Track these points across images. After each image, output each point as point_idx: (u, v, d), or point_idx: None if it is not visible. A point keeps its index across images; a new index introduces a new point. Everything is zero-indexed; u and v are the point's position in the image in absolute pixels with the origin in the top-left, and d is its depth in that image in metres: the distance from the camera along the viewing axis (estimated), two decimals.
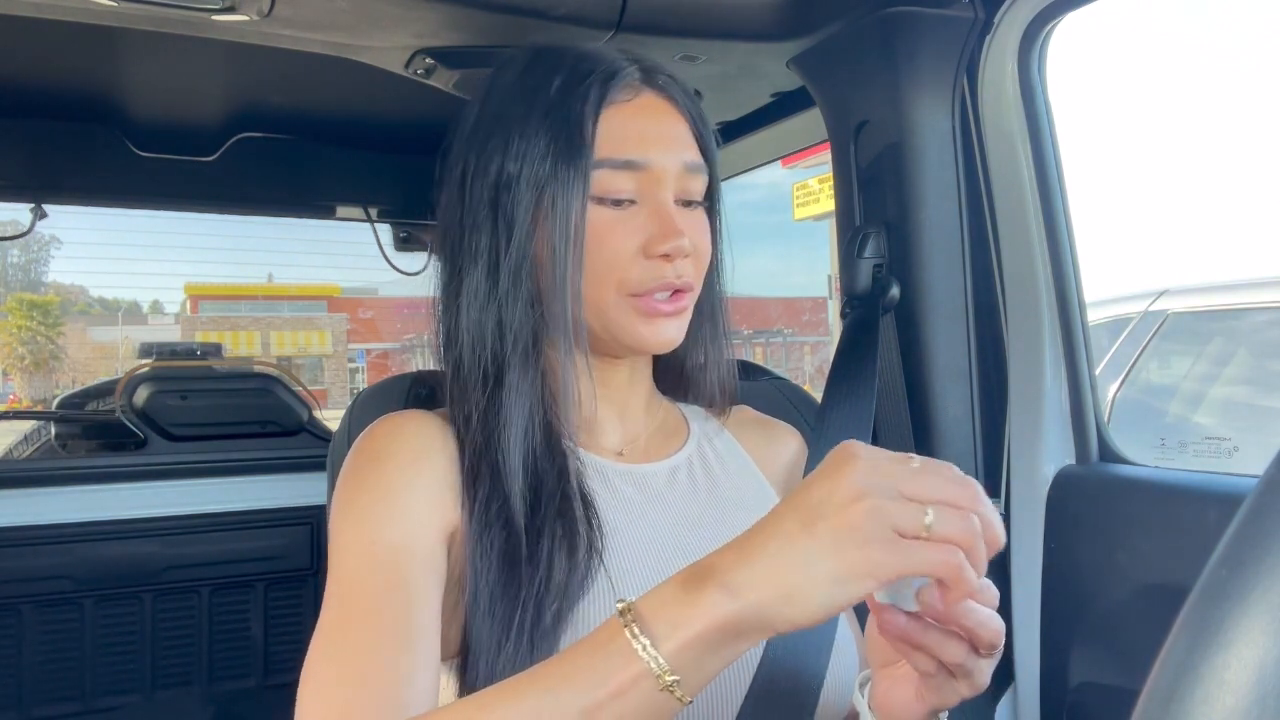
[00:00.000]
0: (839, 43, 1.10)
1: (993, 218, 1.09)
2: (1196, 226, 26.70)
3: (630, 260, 0.73)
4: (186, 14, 1.00)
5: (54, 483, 1.96)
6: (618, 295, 0.73)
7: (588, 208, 0.72)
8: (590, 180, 0.72)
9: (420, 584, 0.66)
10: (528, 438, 0.73)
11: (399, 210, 2.20)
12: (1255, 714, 0.23)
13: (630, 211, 0.74)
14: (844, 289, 1.10)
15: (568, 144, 0.72)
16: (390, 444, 0.72)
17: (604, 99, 0.74)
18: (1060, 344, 1.06)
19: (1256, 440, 2.41)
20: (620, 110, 0.74)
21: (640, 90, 0.76)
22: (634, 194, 0.74)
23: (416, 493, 0.70)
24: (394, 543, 0.67)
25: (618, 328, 0.74)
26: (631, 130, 0.74)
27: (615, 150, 0.73)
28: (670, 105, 0.77)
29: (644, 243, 0.73)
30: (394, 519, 0.68)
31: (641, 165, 0.73)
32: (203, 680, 2.06)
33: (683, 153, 0.76)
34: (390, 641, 0.62)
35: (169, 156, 1.83)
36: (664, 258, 0.72)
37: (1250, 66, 63.06)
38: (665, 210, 0.73)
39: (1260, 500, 0.26)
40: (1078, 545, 1.00)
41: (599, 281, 0.73)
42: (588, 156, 0.72)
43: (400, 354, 28.03)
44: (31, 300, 28.39)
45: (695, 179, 0.76)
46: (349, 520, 0.69)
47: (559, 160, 0.72)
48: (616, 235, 0.73)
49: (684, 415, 0.88)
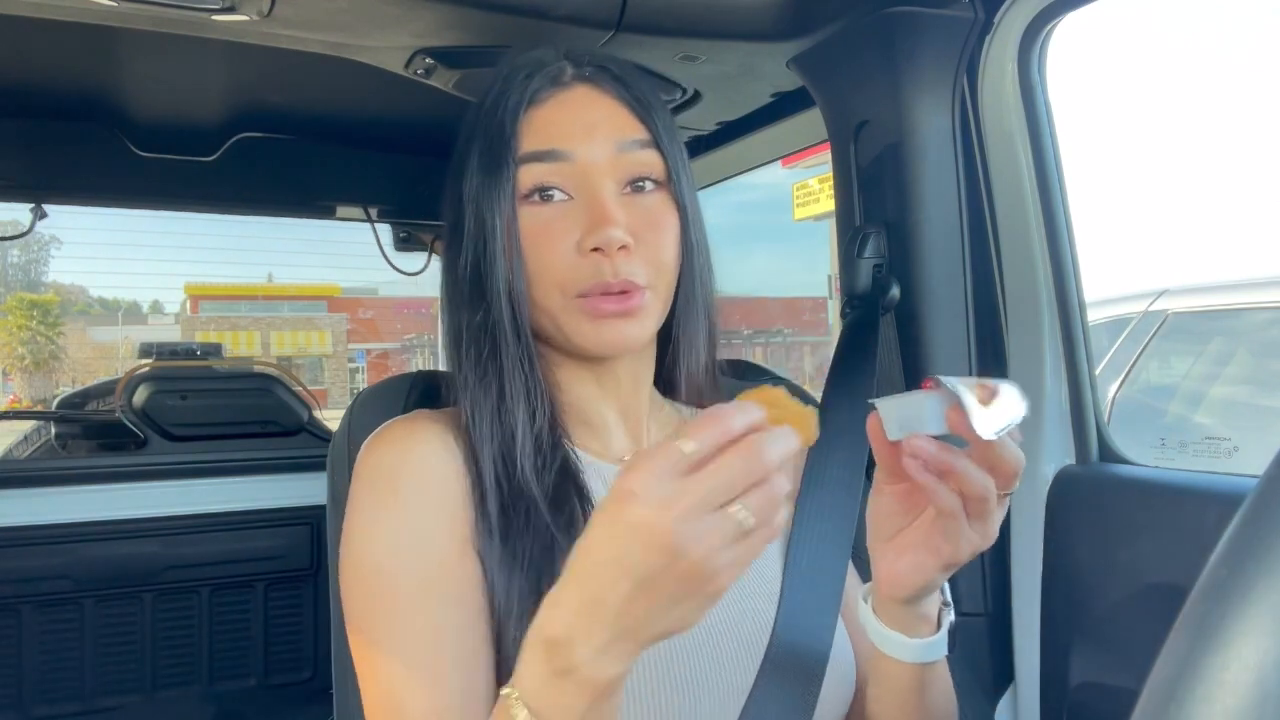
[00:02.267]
0: (839, 43, 1.10)
1: (993, 218, 1.09)
2: (1196, 226, 26.72)
3: (565, 260, 0.70)
4: (186, 14, 1.00)
5: (54, 483, 1.96)
6: (564, 298, 0.71)
7: (519, 209, 0.71)
8: (517, 179, 0.71)
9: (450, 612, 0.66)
10: (526, 444, 0.72)
11: (399, 210, 2.20)
12: (1255, 714, 0.23)
13: (565, 207, 0.72)
14: (844, 289, 1.10)
15: (491, 148, 0.72)
16: (395, 468, 0.71)
17: (525, 99, 0.73)
18: (1060, 344, 1.06)
19: (1257, 440, 2.41)
20: (541, 106, 0.73)
21: (565, 85, 0.75)
22: (564, 187, 0.72)
23: (428, 518, 0.69)
24: (413, 579, 0.66)
25: (572, 332, 0.72)
26: (552, 123, 0.73)
27: (537, 142, 0.72)
28: (597, 92, 0.75)
29: (578, 238, 0.70)
30: (410, 551, 0.67)
31: (563, 155, 0.71)
32: (203, 680, 2.06)
33: (613, 135, 0.73)
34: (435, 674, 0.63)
35: (169, 156, 1.83)
36: (597, 252, 0.69)
37: (1250, 66, 62.98)
38: (596, 199, 0.70)
39: (1260, 500, 0.26)
40: (1078, 545, 1.00)
41: (543, 285, 0.71)
42: (510, 157, 0.71)
43: (400, 354, 28.03)
44: (31, 300, 28.39)
45: (637, 156, 0.73)
46: (365, 557, 0.68)
47: (485, 167, 0.72)
48: (550, 232, 0.71)
49: (685, 419, 0.86)
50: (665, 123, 0.76)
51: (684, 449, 0.47)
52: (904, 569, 0.62)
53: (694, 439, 0.47)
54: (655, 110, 0.76)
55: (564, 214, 0.71)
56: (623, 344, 0.72)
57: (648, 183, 0.74)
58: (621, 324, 0.71)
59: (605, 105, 0.75)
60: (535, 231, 0.71)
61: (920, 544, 0.61)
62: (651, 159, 0.74)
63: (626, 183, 0.73)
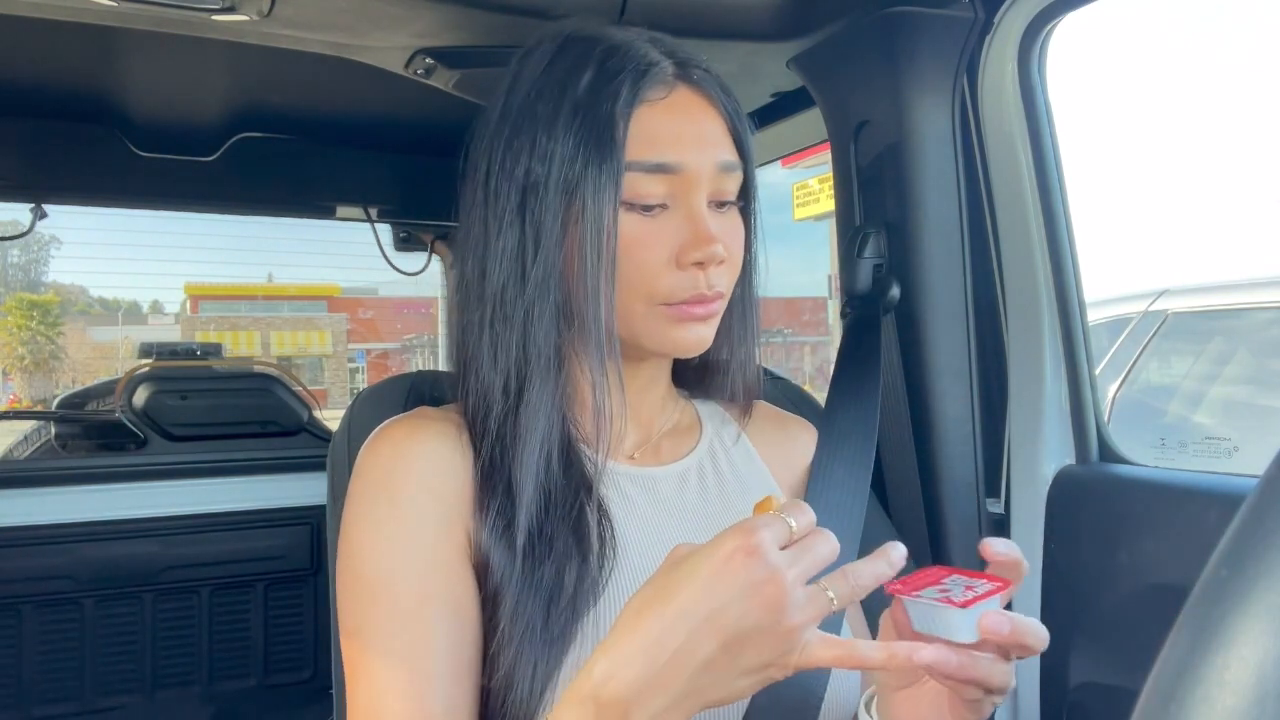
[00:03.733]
0: (839, 43, 1.10)
1: (993, 218, 1.09)
2: (1196, 226, 26.71)
3: (661, 269, 0.69)
4: (186, 14, 1.00)
5: (54, 483, 1.96)
6: (647, 306, 0.70)
7: (619, 214, 0.69)
8: (622, 184, 0.68)
9: (441, 625, 0.65)
10: (544, 450, 0.70)
11: (399, 210, 2.20)
12: (1255, 714, 0.23)
13: (662, 218, 0.70)
14: (844, 289, 1.10)
15: (598, 145, 0.68)
16: (396, 472, 0.69)
17: (636, 97, 0.69)
18: (1060, 344, 1.06)
19: (1257, 440, 2.41)
20: (653, 109, 0.70)
21: (674, 86, 0.72)
22: (666, 198, 0.70)
23: (429, 526, 0.68)
24: (411, 589, 0.66)
25: (646, 335, 0.71)
26: (665, 130, 0.70)
27: (647, 152, 0.69)
28: (705, 101, 0.73)
29: (676, 251, 0.69)
30: (409, 559, 0.66)
31: (674, 168, 0.69)
32: (203, 680, 2.06)
33: (717, 152, 0.71)
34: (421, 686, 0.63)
35: (169, 156, 1.83)
36: (696, 266, 0.69)
37: (1250, 66, 62.99)
38: (698, 215, 0.70)
39: (1260, 500, 0.26)
40: (1078, 545, 1.00)
41: (629, 291, 0.70)
42: (619, 159, 0.68)
43: (400, 354, 28.02)
44: (31, 300, 28.38)
45: (730, 178, 0.73)
46: (360, 562, 0.68)
47: (590, 162, 0.68)
48: (648, 244, 0.69)
49: (698, 414, 0.86)
50: (750, 142, 0.76)
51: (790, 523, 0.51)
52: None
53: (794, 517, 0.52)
54: (743, 129, 0.75)
55: (661, 223, 0.70)
56: (699, 345, 0.73)
57: (729, 199, 0.74)
58: (701, 327, 0.72)
59: (712, 118, 0.73)
60: (632, 239, 0.69)
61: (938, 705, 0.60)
62: (737, 182, 0.74)
63: (714, 199, 0.72)
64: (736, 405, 0.87)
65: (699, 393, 0.87)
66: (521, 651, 0.64)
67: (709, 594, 0.49)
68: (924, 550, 1.08)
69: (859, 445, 0.88)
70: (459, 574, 0.67)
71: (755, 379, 0.84)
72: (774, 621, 0.49)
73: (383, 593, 0.66)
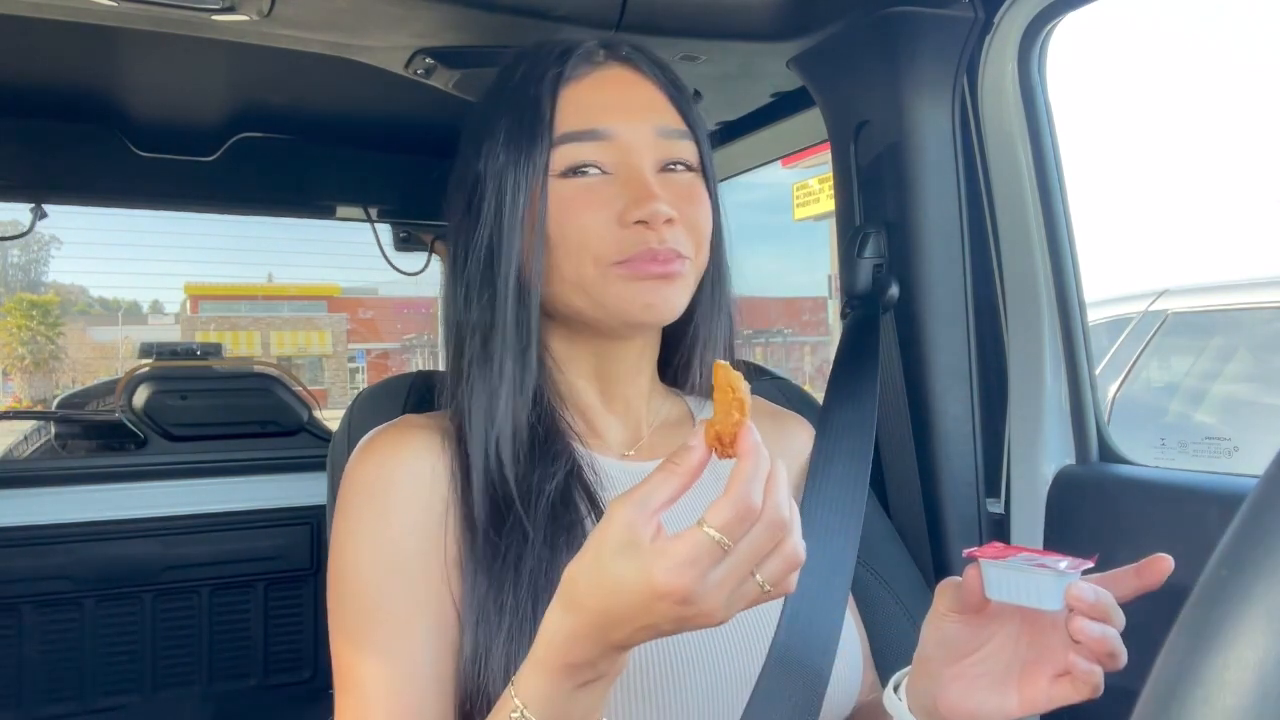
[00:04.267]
0: (839, 43, 1.10)
1: (993, 218, 1.09)
2: (1196, 226, 26.69)
3: (604, 231, 0.69)
4: (186, 14, 1.00)
5: (54, 483, 1.96)
6: (598, 268, 0.69)
7: (549, 185, 0.69)
8: (552, 157, 0.69)
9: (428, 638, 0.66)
10: (515, 432, 0.71)
11: (399, 210, 2.20)
12: (1255, 714, 0.23)
13: (602, 182, 0.70)
14: (844, 289, 1.10)
15: (522, 126, 0.70)
16: (381, 484, 0.69)
17: (562, 76, 0.71)
18: (1060, 344, 1.06)
19: (1257, 439, 2.41)
20: (580, 84, 0.72)
21: (601, 64, 0.73)
22: (604, 164, 0.70)
23: (416, 537, 0.68)
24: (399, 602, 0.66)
25: (610, 300, 0.70)
26: (593, 101, 0.71)
27: (577, 123, 0.70)
28: (636, 74, 0.74)
29: (619, 211, 0.69)
30: (394, 569, 0.67)
31: (606, 134, 0.70)
32: (203, 680, 2.06)
33: (654, 119, 0.72)
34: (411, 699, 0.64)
35: (169, 156, 1.83)
36: (642, 225, 0.68)
37: (1250, 66, 62.98)
38: (638, 177, 0.69)
39: (1260, 500, 0.26)
40: (1078, 545, 1.00)
41: (574, 257, 0.69)
42: (545, 135, 0.69)
43: (400, 354, 28.01)
44: (31, 300, 28.38)
45: (675, 144, 0.72)
46: (348, 573, 0.68)
47: (514, 144, 0.70)
48: (586, 207, 0.69)
49: (689, 408, 0.85)
50: (696, 112, 0.76)
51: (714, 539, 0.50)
52: (984, 704, 0.60)
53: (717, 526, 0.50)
54: (685, 99, 0.75)
55: (600, 187, 0.70)
56: (662, 307, 0.70)
57: (680, 166, 0.73)
58: (663, 287, 0.69)
59: (645, 88, 0.74)
60: (567, 205, 0.69)
61: (998, 685, 0.59)
62: (688, 148, 0.74)
63: (662, 165, 0.72)
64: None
65: (683, 386, 0.86)
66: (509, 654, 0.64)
67: (645, 615, 0.51)
68: (924, 550, 1.07)
69: (857, 442, 0.88)
70: (444, 584, 0.68)
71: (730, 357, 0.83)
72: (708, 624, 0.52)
73: (371, 606, 0.66)
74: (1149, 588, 0.57)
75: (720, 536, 0.50)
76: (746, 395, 0.53)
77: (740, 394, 0.53)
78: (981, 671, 0.60)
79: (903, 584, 0.96)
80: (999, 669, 0.60)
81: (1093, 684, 0.56)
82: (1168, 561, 0.56)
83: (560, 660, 0.53)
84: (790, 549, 0.52)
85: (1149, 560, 0.57)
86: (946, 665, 0.61)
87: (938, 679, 0.61)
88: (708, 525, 0.50)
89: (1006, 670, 0.60)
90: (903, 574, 0.98)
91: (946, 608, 0.61)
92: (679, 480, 0.53)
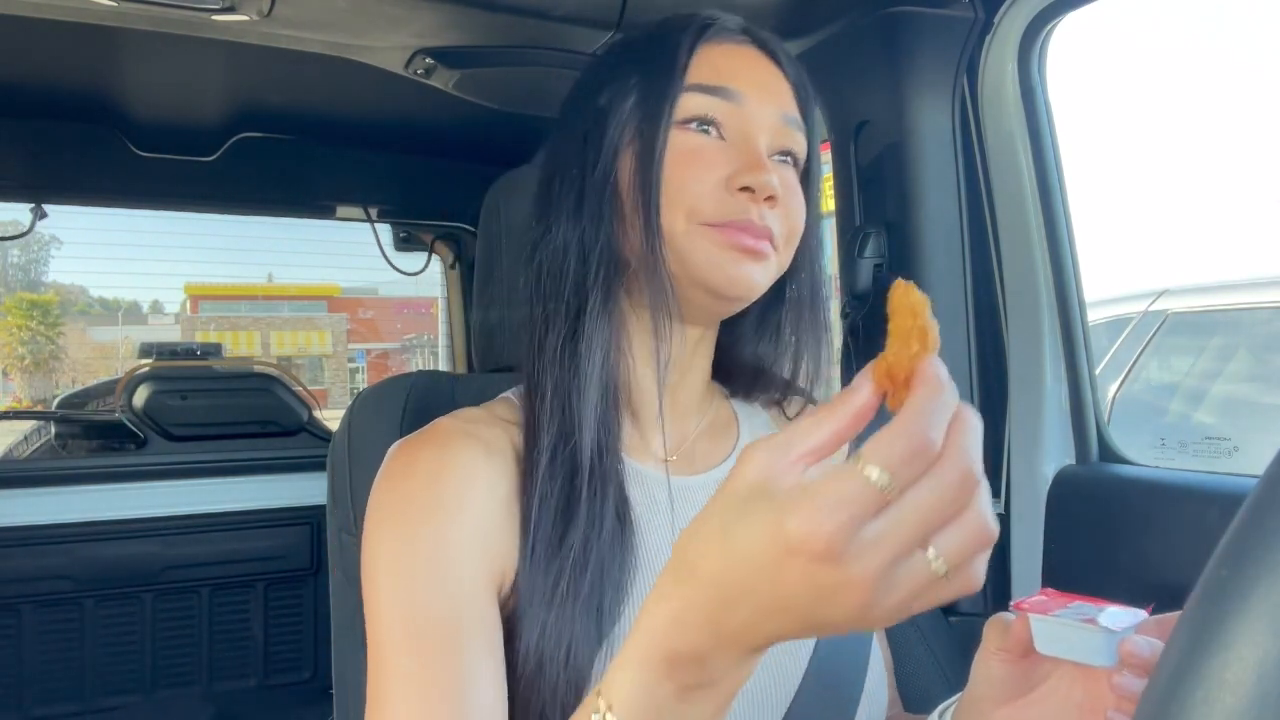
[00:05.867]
0: (839, 43, 1.10)
1: (993, 218, 1.09)
2: (1196, 226, 26.63)
3: (708, 189, 0.66)
4: (186, 14, 1.00)
5: (54, 483, 1.96)
6: (689, 223, 0.66)
7: (672, 131, 0.67)
8: (678, 105, 0.67)
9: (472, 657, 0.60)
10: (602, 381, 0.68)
11: (399, 210, 2.20)
12: (1255, 714, 0.23)
13: (717, 144, 0.68)
14: (844, 289, 1.10)
15: (657, 71, 0.68)
16: (432, 487, 0.65)
17: (701, 34, 0.70)
18: (1060, 344, 1.06)
19: (1257, 439, 2.41)
20: (718, 47, 0.70)
21: (740, 38, 0.72)
22: (724, 127, 0.68)
23: (456, 558, 0.63)
24: (441, 615, 0.61)
25: (694, 258, 0.66)
26: (728, 65, 0.69)
27: (710, 77, 0.68)
28: (771, 61, 0.72)
29: (727, 175, 0.66)
30: (441, 585, 0.62)
31: (735, 96, 0.68)
32: (203, 680, 2.06)
33: (781, 103, 0.70)
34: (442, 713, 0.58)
35: (169, 156, 1.83)
36: (746, 192, 0.66)
37: (1250, 66, 62.92)
38: (754, 146, 0.67)
39: (1260, 500, 0.26)
40: (1078, 545, 1.00)
41: (671, 206, 0.66)
42: (678, 82, 0.67)
43: (400, 354, 27.97)
44: (31, 300, 28.35)
45: (793, 135, 0.71)
46: (388, 579, 0.62)
47: (647, 86, 0.68)
48: (698, 162, 0.67)
49: (735, 412, 0.81)
50: (815, 117, 0.75)
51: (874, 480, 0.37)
52: None
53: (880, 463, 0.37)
54: (809, 101, 0.74)
55: (717, 147, 0.68)
56: (748, 283, 0.67)
57: (791, 158, 0.72)
58: (751, 263, 0.67)
59: (777, 74, 0.72)
60: (682, 155, 0.67)
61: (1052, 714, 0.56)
62: (802, 142, 0.72)
63: (776, 150, 0.71)
64: (777, 406, 0.83)
65: (740, 392, 0.82)
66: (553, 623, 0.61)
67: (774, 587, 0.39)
68: None
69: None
70: (493, 603, 0.64)
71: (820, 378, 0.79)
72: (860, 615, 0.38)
73: (412, 631, 0.61)
74: None
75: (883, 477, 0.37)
76: (932, 326, 0.41)
77: (923, 320, 0.41)
78: (1035, 715, 0.57)
79: None
80: (1053, 714, 0.57)
81: None
82: None
83: (660, 651, 0.42)
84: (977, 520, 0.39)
85: None
86: (998, 705, 0.57)
87: (989, 718, 0.58)
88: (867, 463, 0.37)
89: (1062, 716, 0.56)
90: None
91: (996, 646, 0.57)
92: (836, 424, 0.40)
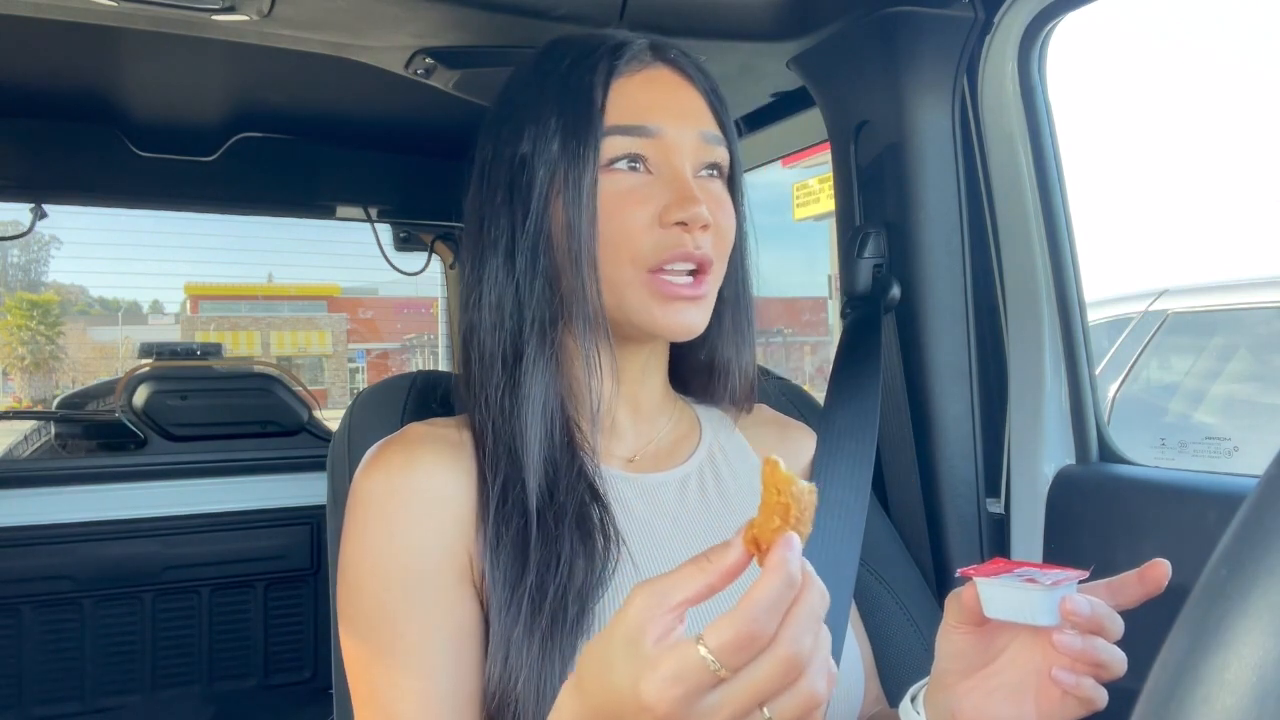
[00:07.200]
0: (839, 43, 1.10)
1: (993, 218, 1.09)
2: (1196, 226, 26.67)
3: (644, 230, 0.70)
4: (186, 14, 1.00)
5: (54, 483, 1.96)
6: (634, 270, 0.70)
7: (599, 178, 0.70)
8: (601, 149, 0.70)
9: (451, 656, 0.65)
10: (545, 423, 0.70)
11: (399, 210, 2.20)
12: (1255, 714, 0.23)
13: (645, 180, 0.71)
14: (844, 289, 1.10)
15: (576, 115, 0.70)
16: (392, 504, 0.68)
17: (613, 70, 0.72)
18: (1060, 344, 1.06)
19: (1257, 439, 2.41)
20: (630, 80, 0.73)
21: (650, 63, 0.74)
22: (649, 161, 0.71)
23: (430, 556, 0.67)
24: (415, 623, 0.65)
25: (634, 310, 0.71)
26: (642, 99, 0.72)
27: (627, 117, 0.71)
28: (682, 78, 0.75)
29: (659, 211, 0.70)
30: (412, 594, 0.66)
31: (653, 132, 0.71)
32: (203, 680, 2.06)
33: (698, 123, 0.73)
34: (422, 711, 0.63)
35: (169, 156, 1.83)
36: (680, 226, 0.69)
37: (1250, 66, 62.97)
38: (681, 178, 0.71)
39: (1260, 500, 0.26)
40: (1078, 545, 1.00)
41: (614, 255, 0.70)
42: (598, 125, 0.70)
43: (400, 354, 27.98)
44: (31, 300, 28.34)
45: (714, 151, 0.74)
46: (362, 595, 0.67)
47: (569, 132, 0.70)
48: (630, 203, 0.70)
49: (696, 415, 0.85)
50: (731, 123, 0.78)
51: (706, 661, 0.43)
52: (999, 715, 0.59)
53: (712, 648, 0.43)
54: (723, 109, 0.77)
55: (644, 185, 0.71)
56: (688, 329, 0.72)
57: (715, 171, 0.75)
58: (690, 309, 0.71)
59: (690, 93, 0.75)
60: (614, 200, 0.70)
61: (1015, 698, 0.58)
62: (724, 154, 0.75)
63: (701, 168, 0.74)
64: (735, 407, 0.86)
65: (698, 396, 0.86)
66: (513, 655, 0.63)
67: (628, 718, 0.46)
68: (924, 550, 1.07)
69: (859, 443, 0.88)
70: (463, 600, 0.67)
71: (753, 381, 0.83)
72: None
73: (387, 629, 0.66)
74: (1152, 594, 0.56)
75: (713, 660, 0.43)
76: (798, 499, 0.46)
77: (786, 497, 0.46)
78: (997, 684, 0.59)
79: (902, 584, 0.96)
80: (1015, 681, 0.59)
81: (1083, 697, 0.55)
82: (1165, 566, 0.56)
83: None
84: (807, 689, 0.45)
85: (1150, 566, 0.56)
86: (962, 678, 0.60)
87: (954, 691, 0.60)
88: (703, 643, 0.44)
89: (1022, 683, 0.58)
90: (902, 574, 0.98)
91: (956, 620, 0.60)
92: (708, 580, 0.46)
